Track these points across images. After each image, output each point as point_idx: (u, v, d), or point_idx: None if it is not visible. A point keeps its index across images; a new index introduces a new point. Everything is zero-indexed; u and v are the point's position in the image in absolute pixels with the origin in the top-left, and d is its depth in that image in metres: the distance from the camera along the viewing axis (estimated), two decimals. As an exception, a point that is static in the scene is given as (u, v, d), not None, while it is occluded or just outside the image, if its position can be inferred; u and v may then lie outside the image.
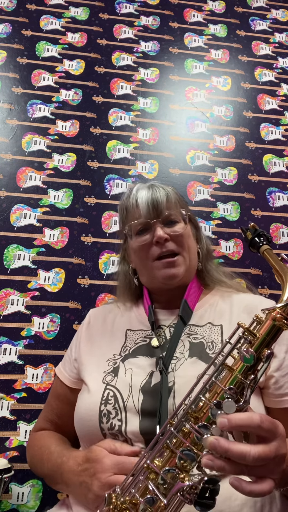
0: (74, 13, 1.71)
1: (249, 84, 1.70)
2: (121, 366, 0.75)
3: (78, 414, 0.76)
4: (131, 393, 0.69)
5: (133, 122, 1.57)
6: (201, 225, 1.45)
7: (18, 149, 1.46)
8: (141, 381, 0.71)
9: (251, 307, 0.80)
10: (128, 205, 0.87)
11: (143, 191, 0.84)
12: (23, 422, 1.16)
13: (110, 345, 0.81)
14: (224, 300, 0.83)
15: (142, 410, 0.67)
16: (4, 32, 1.63)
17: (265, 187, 1.54)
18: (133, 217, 0.85)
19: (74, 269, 1.34)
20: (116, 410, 0.68)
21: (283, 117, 1.67)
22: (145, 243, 0.81)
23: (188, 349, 0.74)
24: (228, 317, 0.79)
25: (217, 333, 0.76)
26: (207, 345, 0.74)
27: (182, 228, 0.83)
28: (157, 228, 0.80)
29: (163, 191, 0.84)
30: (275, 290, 1.39)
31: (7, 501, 1.09)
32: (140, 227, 0.83)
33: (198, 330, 0.78)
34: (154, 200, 0.81)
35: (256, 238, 0.69)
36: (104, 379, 0.74)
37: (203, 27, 1.78)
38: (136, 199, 0.84)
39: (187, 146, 1.56)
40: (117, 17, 1.73)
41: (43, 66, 1.60)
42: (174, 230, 0.82)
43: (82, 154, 1.49)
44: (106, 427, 0.68)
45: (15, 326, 1.25)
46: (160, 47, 1.71)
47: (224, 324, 0.78)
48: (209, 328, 0.77)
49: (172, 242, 0.81)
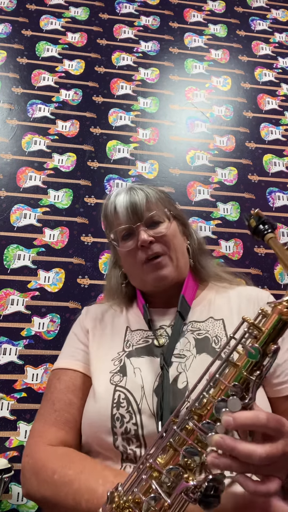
0: (74, 13, 1.71)
1: (249, 84, 1.70)
2: (127, 363, 0.73)
3: (87, 418, 0.71)
4: (144, 395, 0.68)
5: (133, 122, 1.57)
6: (201, 225, 1.47)
7: (18, 149, 1.46)
8: (153, 382, 0.69)
9: (248, 297, 0.80)
10: (107, 213, 0.85)
11: (121, 196, 0.82)
12: (23, 422, 1.16)
13: (112, 343, 0.79)
14: (220, 295, 0.83)
15: (157, 412, 0.65)
16: (4, 32, 1.63)
17: (265, 187, 1.54)
18: (116, 223, 0.83)
19: (74, 269, 1.34)
20: (130, 414, 0.66)
21: (283, 117, 1.67)
22: (130, 248, 0.80)
23: (195, 345, 0.73)
24: (227, 311, 0.78)
25: (220, 327, 0.75)
26: (212, 340, 0.73)
27: (166, 228, 0.80)
28: (141, 232, 0.78)
29: (141, 193, 0.81)
30: (275, 290, 1.39)
31: (7, 501, 1.09)
32: (124, 232, 0.81)
33: (201, 326, 0.77)
34: (132, 204, 0.79)
35: (261, 225, 0.67)
36: (112, 379, 0.72)
37: (203, 27, 1.78)
38: (115, 205, 0.82)
39: (187, 146, 1.56)
40: (117, 17, 1.73)
41: (43, 66, 1.60)
42: (158, 231, 0.80)
43: (82, 154, 1.49)
44: (120, 432, 0.66)
45: (15, 326, 1.25)
46: (160, 47, 1.71)
47: (224, 317, 0.77)
48: (211, 323, 0.77)
49: (158, 243, 0.79)
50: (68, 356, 0.82)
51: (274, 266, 1.43)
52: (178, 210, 0.90)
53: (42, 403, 0.78)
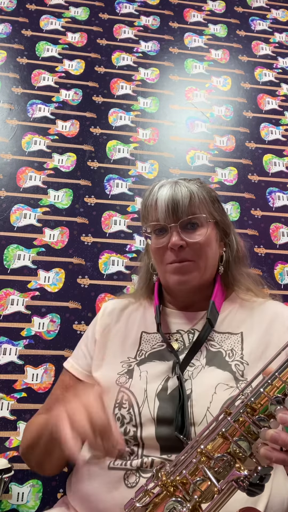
0: (74, 13, 1.71)
1: (249, 84, 1.70)
2: (136, 369, 0.74)
3: None
4: (147, 399, 0.68)
5: (133, 122, 1.57)
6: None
7: (18, 149, 1.46)
8: (156, 387, 0.70)
9: (272, 313, 0.78)
10: (147, 203, 0.81)
11: (165, 189, 0.78)
12: (23, 422, 1.16)
13: (124, 346, 0.79)
14: (243, 308, 0.80)
15: (158, 417, 0.66)
16: (4, 32, 1.63)
17: (265, 187, 1.54)
18: (152, 217, 0.80)
19: (74, 269, 1.34)
20: (131, 416, 0.67)
21: (283, 117, 1.67)
22: (161, 246, 0.78)
23: (205, 356, 0.73)
24: (248, 325, 0.77)
25: (237, 340, 0.74)
26: (227, 354, 0.72)
27: (200, 235, 0.76)
28: (173, 234, 0.75)
29: (186, 191, 0.77)
30: (275, 290, 1.39)
31: (7, 501, 1.09)
32: (158, 227, 0.79)
33: (216, 337, 0.75)
34: (174, 202, 0.75)
35: None
36: (118, 380, 0.73)
37: (203, 27, 1.78)
38: (156, 198, 0.78)
39: (187, 146, 1.56)
40: (117, 17, 1.73)
41: (43, 66, 1.60)
42: (192, 236, 0.76)
43: (82, 154, 1.49)
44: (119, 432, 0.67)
45: (15, 326, 1.25)
46: (160, 47, 1.71)
47: (244, 331, 0.75)
48: (227, 337, 0.75)
49: (189, 249, 0.76)
50: (75, 357, 0.87)
51: (274, 266, 1.43)
52: (223, 215, 0.85)
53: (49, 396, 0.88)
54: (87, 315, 1.29)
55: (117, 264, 1.36)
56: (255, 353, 0.71)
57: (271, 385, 0.51)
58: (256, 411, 0.51)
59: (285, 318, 0.77)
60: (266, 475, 0.46)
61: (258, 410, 0.51)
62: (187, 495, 0.49)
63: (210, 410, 0.64)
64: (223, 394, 0.66)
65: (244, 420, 0.50)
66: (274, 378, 0.52)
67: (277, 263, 1.43)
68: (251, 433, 0.49)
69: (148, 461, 0.64)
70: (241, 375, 0.68)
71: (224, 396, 0.65)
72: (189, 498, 0.48)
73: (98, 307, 1.30)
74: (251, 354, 0.71)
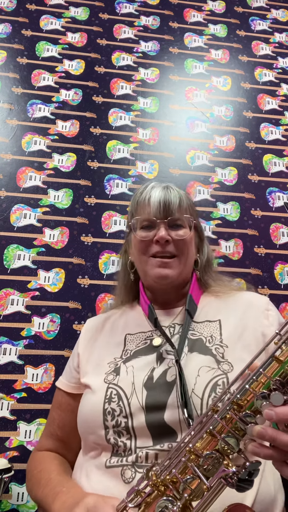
0: (74, 13, 1.71)
1: (249, 84, 1.70)
2: (122, 366, 0.76)
3: (81, 413, 0.76)
4: (134, 390, 0.71)
5: (133, 122, 1.57)
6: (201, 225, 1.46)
7: (18, 149, 1.46)
8: (143, 377, 0.72)
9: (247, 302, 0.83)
10: (140, 200, 0.88)
11: (158, 190, 0.86)
12: (23, 422, 1.16)
13: (109, 350, 0.82)
14: (218, 299, 0.86)
15: (146, 405, 0.68)
16: (4, 32, 1.63)
17: (265, 187, 1.54)
18: (142, 211, 0.86)
19: (74, 269, 1.34)
20: (121, 408, 0.69)
21: (283, 117, 1.67)
22: (146, 239, 0.83)
23: (187, 344, 0.76)
24: (225, 313, 0.81)
25: (216, 327, 0.78)
26: (207, 340, 0.76)
27: (186, 233, 0.84)
28: (161, 228, 0.82)
29: (177, 194, 0.86)
30: (275, 290, 1.39)
31: (7, 501, 1.09)
32: (146, 223, 0.85)
33: (196, 327, 0.80)
34: (166, 201, 0.83)
35: None
36: (106, 378, 0.75)
37: (203, 27, 1.78)
38: (149, 196, 0.85)
39: (187, 146, 1.56)
40: (117, 17, 1.73)
41: (43, 66, 1.60)
42: (178, 234, 0.84)
43: (82, 154, 1.49)
44: (111, 425, 0.69)
45: (15, 326, 1.25)
46: (160, 47, 1.71)
47: (221, 318, 0.80)
48: (206, 325, 0.79)
49: (173, 245, 0.83)
50: (64, 374, 0.91)
51: (274, 266, 1.43)
52: (200, 224, 0.95)
53: None
54: (87, 315, 1.29)
55: (117, 264, 1.36)
56: (233, 336, 0.75)
57: (256, 381, 0.52)
58: (243, 407, 0.51)
59: (260, 303, 0.82)
60: (255, 471, 0.47)
61: (245, 407, 0.51)
62: (178, 494, 0.49)
63: (195, 391, 0.67)
64: (206, 375, 0.69)
65: (231, 417, 0.51)
66: (259, 374, 0.52)
67: (277, 263, 1.43)
68: (238, 430, 0.50)
69: (142, 455, 0.65)
70: (221, 357, 0.72)
71: (207, 378, 0.68)
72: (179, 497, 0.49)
73: (98, 307, 1.30)
74: (229, 337, 0.75)
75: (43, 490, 0.73)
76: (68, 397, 0.86)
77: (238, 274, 1.39)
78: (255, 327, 0.76)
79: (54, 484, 0.72)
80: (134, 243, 0.88)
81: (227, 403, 0.53)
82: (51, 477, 0.75)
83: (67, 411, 0.86)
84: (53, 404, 0.91)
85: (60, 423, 0.86)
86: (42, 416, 1.17)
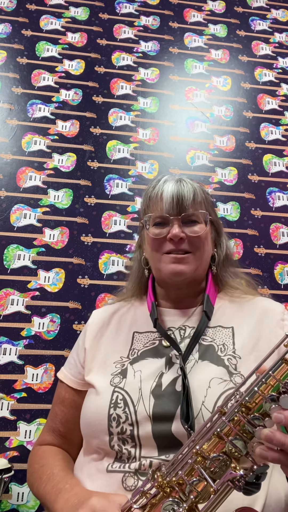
0: (74, 13, 1.71)
1: (249, 84, 1.70)
2: (129, 368, 0.74)
3: (85, 417, 0.74)
4: (141, 397, 0.68)
5: (133, 122, 1.57)
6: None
7: (18, 149, 1.46)
8: (151, 384, 0.69)
9: (262, 308, 0.79)
10: (152, 195, 0.83)
11: (170, 184, 0.81)
12: (23, 422, 1.16)
13: (116, 347, 0.79)
14: (233, 303, 0.82)
15: (153, 414, 0.66)
16: (4, 32, 1.63)
17: (265, 187, 1.54)
18: (155, 207, 0.82)
19: (74, 269, 1.34)
20: (127, 415, 0.67)
21: (283, 117, 1.67)
22: (159, 237, 0.79)
23: (198, 350, 0.73)
24: (238, 320, 0.78)
25: (229, 335, 0.75)
26: (219, 348, 0.73)
27: (201, 230, 0.80)
28: (175, 225, 0.78)
29: (191, 187, 0.81)
30: (275, 290, 1.39)
31: (7, 501, 1.09)
32: (159, 219, 0.81)
33: (208, 332, 0.76)
34: (180, 196, 0.79)
35: None
36: (112, 381, 0.72)
37: (203, 27, 1.78)
38: (162, 191, 0.81)
39: (187, 146, 1.56)
40: (117, 17, 1.73)
41: (43, 66, 1.60)
42: (193, 230, 0.79)
43: (82, 154, 1.49)
44: (116, 432, 0.67)
45: (15, 326, 1.25)
46: (160, 47, 1.71)
47: (234, 325, 0.76)
48: (219, 331, 0.76)
49: (187, 242, 0.78)
50: (67, 366, 0.87)
51: (274, 266, 1.43)
52: (217, 217, 0.89)
53: None
54: (87, 315, 1.28)
55: (117, 264, 1.36)
56: (246, 346, 0.72)
57: (265, 383, 0.51)
58: (251, 410, 0.51)
59: (275, 312, 0.78)
60: (262, 474, 0.46)
61: (253, 409, 0.50)
62: (184, 496, 0.49)
63: (205, 404, 0.65)
64: (217, 388, 0.66)
65: (239, 420, 0.50)
66: (268, 376, 0.51)
67: (277, 263, 1.43)
68: (246, 432, 0.49)
69: (146, 463, 0.63)
70: (234, 369, 0.69)
71: (219, 390, 0.66)
72: (185, 499, 0.48)
73: (98, 307, 1.30)
74: (242, 348, 0.72)
75: (45, 486, 0.70)
76: (72, 392, 0.83)
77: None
78: (269, 338, 0.72)
79: (57, 480, 0.69)
80: (147, 240, 0.83)
81: (235, 405, 0.52)
82: (54, 472, 0.72)
83: (70, 407, 0.82)
84: (55, 398, 0.87)
85: (62, 419, 0.83)
86: (42, 416, 1.17)
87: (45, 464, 0.76)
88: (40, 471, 0.75)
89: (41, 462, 0.78)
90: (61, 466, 0.75)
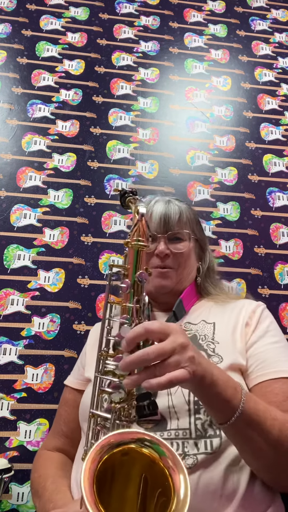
0: (74, 13, 1.71)
1: (249, 84, 1.70)
2: None
3: (81, 404, 0.81)
4: None
5: (133, 122, 1.57)
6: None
7: (18, 149, 1.46)
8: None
9: (241, 307, 0.88)
10: None
11: (159, 205, 0.92)
12: (23, 422, 1.16)
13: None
14: (218, 304, 0.91)
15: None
16: (4, 32, 1.63)
17: (265, 187, 1.54)
18: None
19: (74, 269, 1.34)
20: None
21: (283, 117, 1.67)
22: (149, 251, 0.87)
23: None
24: (221, 317, 0.85)
25: (210, 329, 0.83)
26: (200, 337, 0.81)
27: (184, 247, 0.90)
28: (161, 243, 0.88)
29: (177, 208, 0.91)
30: (275, 290, 1.39)
31: (7, 501, 1.09)
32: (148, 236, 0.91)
33: (193, 327, 0.85)
34: (166, 216, 0.89)
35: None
36: None
37: (203, 27, 1.78)
38: (152, 211, 0.91)
39: (187, 146, 1.56)
40: (117, 17, 1.73)
41: (43, 66, 1.60)
42: (177, 247, 0.89)
43: (82, 154, 1.49)
44: None
45: (15, 326, 1.25)
46: (160, 47, 1.71)
47: (216, 321, 0.84)
48: (202, 325, 0.84)
49: (172, 258, 0.89)
50: (72, 373, 0.97)
51: (274, 266, 1.43)
52: (203, 234, 1.01)
53: None
54: (87, 315, 1.29)
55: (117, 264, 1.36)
56: (224, 334, 0.81)
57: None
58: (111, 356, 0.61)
59: (252, 306, 0.86)
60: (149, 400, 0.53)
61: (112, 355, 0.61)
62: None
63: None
64: None
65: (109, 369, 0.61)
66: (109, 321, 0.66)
67: (277, 263, 1.43)
68: (119, 376, 0.57)
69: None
70: (212, 351, 0.76)
71: None
72: None
73: (98, 307, 1.30)
74: (221, 335, 0.80)
75: (39, 502, 0.77)
76: (74, 393, 0.91)
77: (238, 274, 1.40)
78: (242, 324, 0.82)
79: (46, 498, 0.75)
80: None
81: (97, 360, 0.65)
82: (46, 485, 0.78)
83: (73, 406, 0.89)
84: (60, 403, 0.95)
85: (66, 418, 0.90)
86: (42, 416, 1.17)
87: (41, 475, 0.82)
88: (37, 481, 0.82)
89: (39, 472, 0.84)
90: (53, 478, 0.81)
